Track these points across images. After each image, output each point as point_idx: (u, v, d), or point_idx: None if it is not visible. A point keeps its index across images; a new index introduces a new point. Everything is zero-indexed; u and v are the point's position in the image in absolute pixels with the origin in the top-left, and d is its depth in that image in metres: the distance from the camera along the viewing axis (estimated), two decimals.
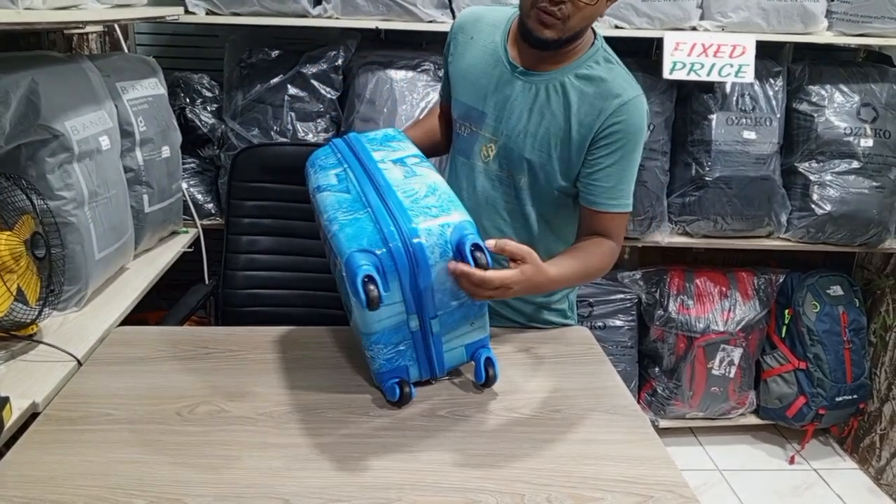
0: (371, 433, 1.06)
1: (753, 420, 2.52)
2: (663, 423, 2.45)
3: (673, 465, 1.02)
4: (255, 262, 1.86)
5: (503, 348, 1.31)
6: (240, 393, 1.16)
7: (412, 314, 1.08)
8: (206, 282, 2.15)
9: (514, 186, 1.30)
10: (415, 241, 1.01)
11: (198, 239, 2.05)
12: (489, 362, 1.17)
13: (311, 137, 2.07)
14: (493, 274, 1.03)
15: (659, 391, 2.43)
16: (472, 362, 1.19)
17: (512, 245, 1.10)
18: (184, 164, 2.02)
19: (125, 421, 1.07)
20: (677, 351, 2.38)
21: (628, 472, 1.00)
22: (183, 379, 1.20)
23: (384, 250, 1.01)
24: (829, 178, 2.24)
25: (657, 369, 2.44)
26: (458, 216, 1.05)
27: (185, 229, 2.01)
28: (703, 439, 2.53)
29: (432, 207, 1.06)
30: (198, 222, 2.06)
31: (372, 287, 0.96)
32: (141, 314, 1.98)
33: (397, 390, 1.12)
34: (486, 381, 1.17)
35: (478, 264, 1.02)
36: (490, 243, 1.06)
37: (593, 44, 1.25)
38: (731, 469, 2.39)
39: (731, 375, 2.40)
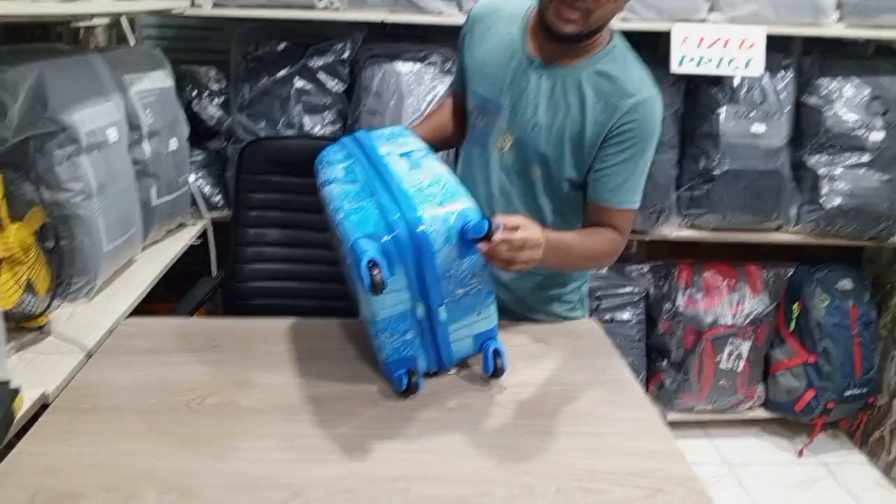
0: (379, 424, 1.06)
1: (762, 414, 2.50)
2: (671, 417, 2.44)
3: (682, 459, 1.01)
4: (263, 254, 1.86)
5: (512, 341, 1.30)
6: (249, 384, 1.16)
7: (418, 302, 1.08)
8: (214, 274, 2.16)
9: (529, 178, 1.29)
10: (419, 228, 1.02)
11: (205, 231, 2.05)
12: (497, 353, 1.17)
13: (318, 130, 2.06)
14: (525, 232, 1.04)
15: (667, 385, 2.42)
16: (480, 354, 1.19)
17: (521, 217, 1.09)
18: (191, 156, 2.02)
19: (135, 412, 1.07)
20: (685, 344, 2.37)
21: (637, 465, 0.99)
22: (192, 370, 1.20)
23: (389, 237, 1.01)
24: (838, 171, 2.22)
25: (665, 363, 2.43)
26: (463, 204, 1.05)
27: (192, 221, 2.01)
28: (711, 433, 2.53)
29: (437, 196, 1.06)
30: (205, 214, 2.06)
31: (376, 271, 0.97)
32: (149, 306, 1.98)
33: (405, 380, 1.12)
34: (494, 372, 1.17)
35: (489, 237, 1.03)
36: (500, 217, 1.05)
37: (611, 39, 1.25)
38: (739, 463, 2.38)
39: (740, 369, 2.39)
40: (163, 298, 2.07)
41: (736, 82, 2.19)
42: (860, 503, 2.23)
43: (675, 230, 2.26)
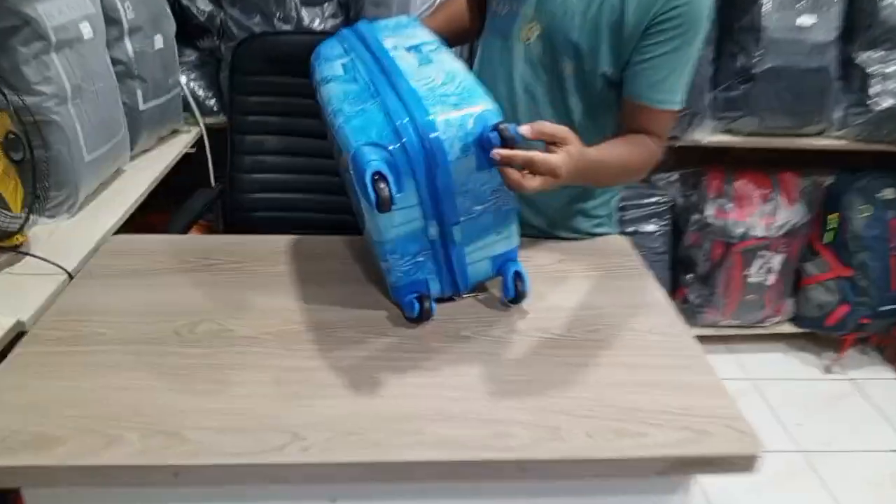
0: (388, 355, 0.96)
1: (789, 329, 2.40)
2: (694, 332, 2.34)
3: (726, 395, 0.91)
4: (263, 163, 1.74)
5: (533, 261, 1.18)
6: (244, 309, 1.06)
7: (431, 220, 0.95)
8: (213, 184, 2.04)
9: (558, 73, 1.13)
10: (432, 135, 0.87)
11: (201, 138, 1.91)
12: (518, 276, 1.05)
13: (317, 23, 1.87)
14: (539, 155, 0.89)
15: (691, 299, 2.31)
16: (499, 277, 1.07)
17: (549, 125, 0.93)
18: (181, 56, 1.85)
19: (119, 341, 0.97)
20: (713, 257, 2.25)
21: (676, 401, 0.89)
22: (183, 293, 1.09)
23: (396, 145, 0.87)
24: (891, 69, 2.02)
25: (691, 276, 2.31)
26: (482, 105, 0.90)
27: (186, 128, 1.87)
28: (735, 348, 2.43)
29: (451, 96, 0.91)
30: (200, 120, 1.91)
31: (382, 185, 0.83)
32: (145, 218, 1.88)
33: (416, 306, 1.01)
34: (514, 297, 1.05)
35: (505, 143, 0.88)
36: (524, 128, 0.90)
37: None
38: (763, 378, 2.31)
39: (770, 283, 2.27)
40: (160, 210, 1.96)
41: None
42: (889, 420, 2.16)
43: (707, 135, 2.09)
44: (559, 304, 1.09)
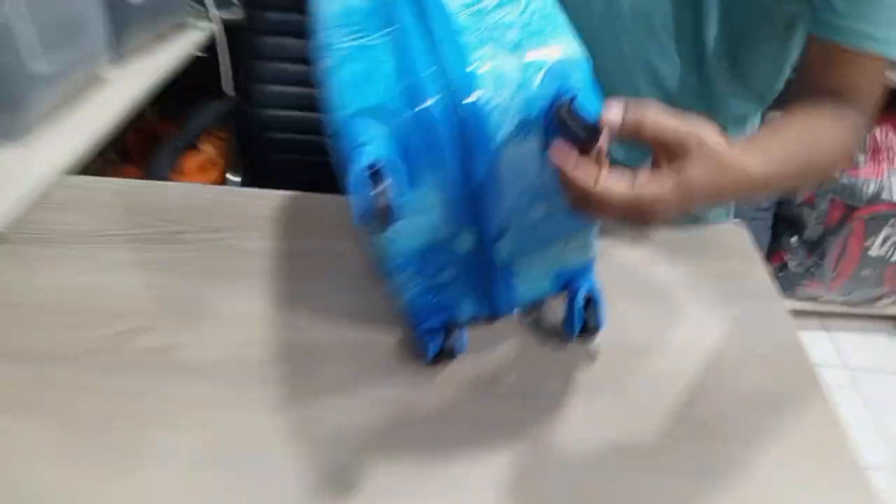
0: (383, 423, 0.65)
1: None
2: (787, 305, 1.97)
3: None
4: (286, 73, 1.44)
5: (612, 261, 0.84)
6: (203, 314, 0.76)
7: (463, 227, 0.62)
8: (229, 95, 1.73)
9: None
10: (470, 97, 0.53)
11: (214, 37, 1.57)
12: (591, 302, 0.71)
13: None
14: (615, 195, 0.50)
15: (791, 266, 1.92)
16: (562, 297, 0.74)
17: (655, 123, 0.50)
18: None
19: (16, 357, 0.70)
20: (828, 220, 1.83)
21: None
22: (127, 279, 0.80)
23: (410, 113, 0.52)
24: None
25: (795, 239, 1.91)
26: (560, 49, 0.54)
27: (195, 23, 1.53)
28: (832, 326, 2.05)
29: (511, 29, 0.55)
30: (213, 12, 1.56)
31: (380, 187, 0.49)
32: (149, 128, 1.61)
33: (432, 347, 0.69)
34: (582, 332, 0.72)
35: (570, 135, 0.51)
36: (608, 113, 0.50)
37: None
38: (863, 368, 1.94)
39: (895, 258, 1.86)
40: (169, 115, 1.68)
41: None
42: None
43: None
44: (648, 340, 0.75)
